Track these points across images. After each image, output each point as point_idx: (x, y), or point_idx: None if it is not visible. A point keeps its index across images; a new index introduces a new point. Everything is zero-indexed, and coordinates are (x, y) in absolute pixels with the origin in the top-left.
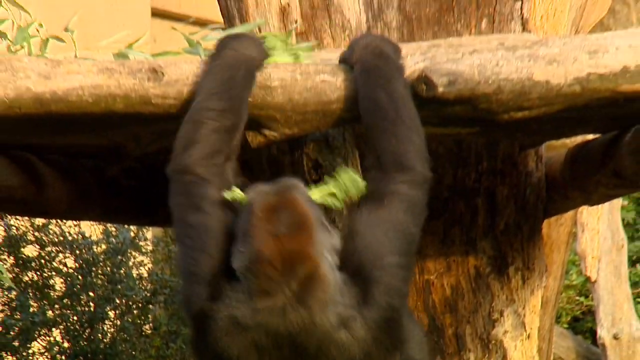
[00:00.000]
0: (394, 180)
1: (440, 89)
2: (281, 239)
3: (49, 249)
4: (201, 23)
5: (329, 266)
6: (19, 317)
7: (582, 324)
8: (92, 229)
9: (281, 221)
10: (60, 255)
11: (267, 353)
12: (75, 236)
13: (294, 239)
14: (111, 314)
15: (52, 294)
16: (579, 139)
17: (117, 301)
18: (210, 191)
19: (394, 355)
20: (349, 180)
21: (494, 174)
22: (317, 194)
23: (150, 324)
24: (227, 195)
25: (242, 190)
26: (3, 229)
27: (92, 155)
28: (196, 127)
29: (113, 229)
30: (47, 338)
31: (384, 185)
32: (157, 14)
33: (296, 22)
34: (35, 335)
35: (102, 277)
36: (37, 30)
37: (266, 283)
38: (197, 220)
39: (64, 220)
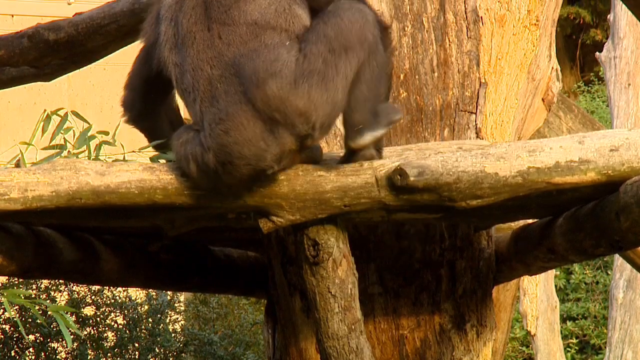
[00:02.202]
0: None
1: (412, 178)
2: None
3: (103, 309)
4: None
5: None
6: None
7: None
8: (137, 293)
9: None
10: (112, 314)
11: None
12: (124, 299)
13: None
14: None
15: (105, 345)
16: (521, 222)
17: (157, 350)
18: None
19: None
20: None
21: (455, 249)
22: None
23: None
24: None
25: None
26: (67, 293)
27: (137, 235)
28: None
29: (154, 293)
30: None
31: None
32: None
33: None
34: None
35: (145, 331)
36: (94, 136)
37: None
38: None
39: (115, 287)
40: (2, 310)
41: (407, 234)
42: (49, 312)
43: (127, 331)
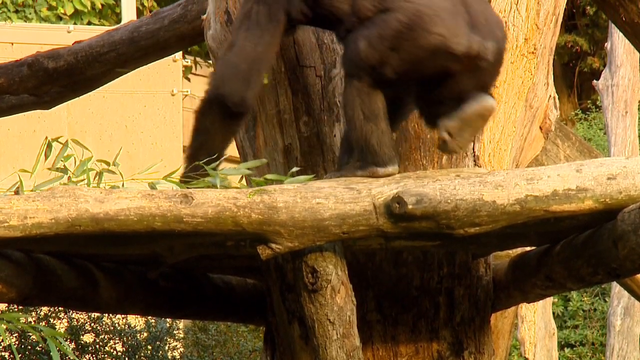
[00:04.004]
0: None
1: (410, 206)
2: None
3: (102, 336)
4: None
5: None
6: None
7: None
8: (136, 320)
9: None
10: (111, 341)
11: None
12: (123, 326)
13: None
14: None
15: None
16: (519, 250)
17: None
18: None
19: None
20: None
21: (453, 277)
22: None
23: None
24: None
25: None
26: (67, 320)
27: (136, 262)
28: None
29: (153, 320)
30: None
31: None
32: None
33: (296, 160)
34: None
35: (144, 358)
36: (94, 164)
37: None
38: None
39: (114, 314)
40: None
41: (405, 262)
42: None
43: (127, 358)
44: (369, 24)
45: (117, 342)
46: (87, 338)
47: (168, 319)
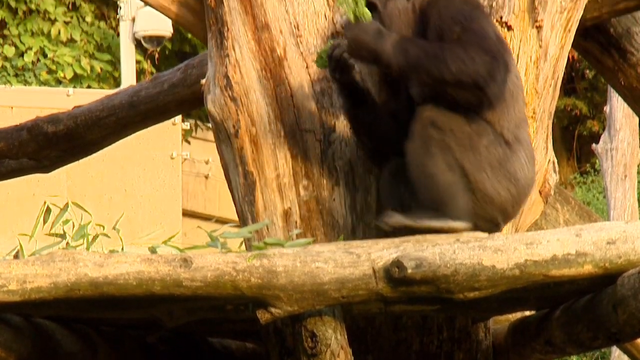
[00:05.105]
0: None
1: (409, 270)
2: None
3: None
4: (222, 221)
5: None
6: None
7: None
8: None
9: None
10: None
11: None
12: None
13: None
14: None
15: None
16: (518, 314)
17: None
18: None
19: None
20: None
21: (452, 341)
22: None
23: None
24: None
25: None
26: None
27: (136, 326)
28: None
29: None
30: None
31: None
32: (186, 213)
33: (296, 224)
34: None
35: None
36: (94, 228)
37: None
38: None
39: None
40: None
41: (404, 326)
42: None
43: None
44: None
45: None
46: None
47: None
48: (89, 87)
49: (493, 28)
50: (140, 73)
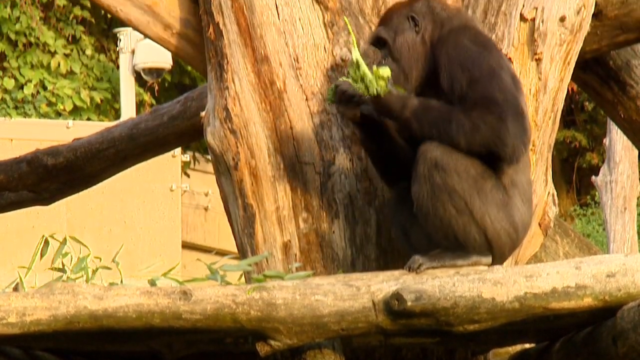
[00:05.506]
0: None
1: (409, 303)
2: None
3: None
4: (221, 253)
5: None
6: None
7: None
8: None
9: None
10: None
11: None
12: None
13: None
14: None
15: None
16: (518, 347)
17: None
18: None
19: None
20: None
21: None
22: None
23: None
24: None
25: None
26: None
27: (135, 358)
28: None
29: None
30: None
31: None
32: (186, 246)
33: (295, 257)
34: None
35: None
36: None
37: None
38: None
39: None
40: None
41: (404, 358)
42: None
43: None
44: None
45: None
46: None
47: None
48: (88, 119)
49: (502, 62)
50: (140, 105)
